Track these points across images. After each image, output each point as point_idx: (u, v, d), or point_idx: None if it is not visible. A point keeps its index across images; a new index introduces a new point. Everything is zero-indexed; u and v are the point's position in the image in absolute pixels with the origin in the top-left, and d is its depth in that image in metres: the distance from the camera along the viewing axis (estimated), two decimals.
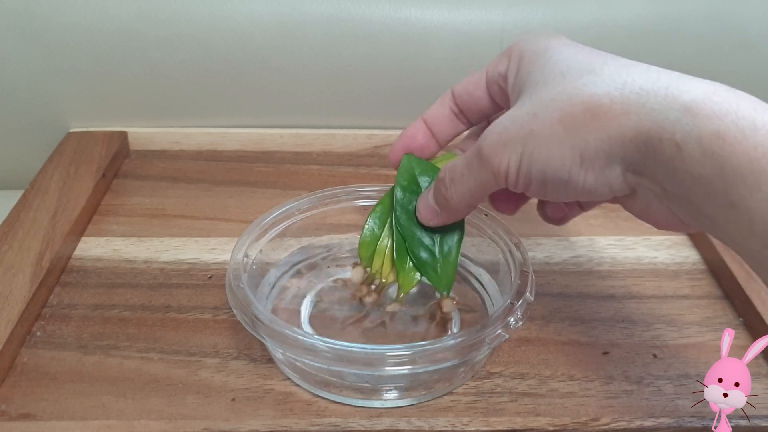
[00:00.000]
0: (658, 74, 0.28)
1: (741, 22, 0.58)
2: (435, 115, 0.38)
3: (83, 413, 0.34)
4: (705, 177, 0.26)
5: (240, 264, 0.37)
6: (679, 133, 0.26)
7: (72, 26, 0.55)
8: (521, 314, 0.35)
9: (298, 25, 0.56)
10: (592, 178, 0.29)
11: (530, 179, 0.30)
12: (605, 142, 0.28)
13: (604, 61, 0.30)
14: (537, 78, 0.31)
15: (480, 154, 0.32)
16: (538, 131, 0.29)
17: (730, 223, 0.26)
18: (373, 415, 0.34)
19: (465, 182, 0.33)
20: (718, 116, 0.25)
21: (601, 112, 0.28)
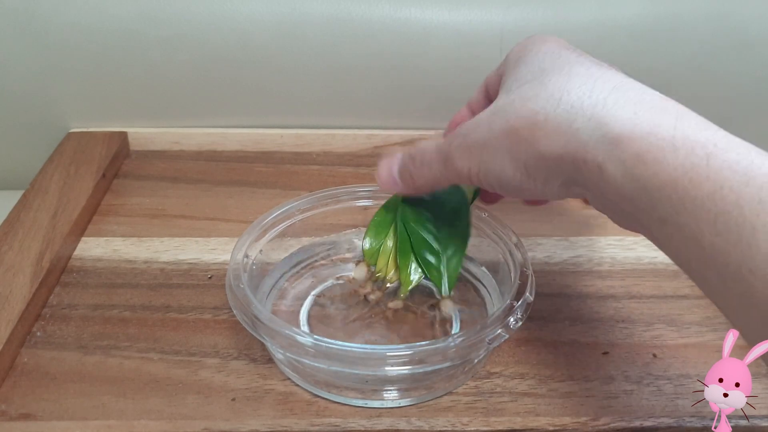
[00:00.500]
0: (593, 86, 0.28)
1: (741, 22, 0.58)
2: (475, 102, 0.40)
3: (83, 413, 0.34)
4: (629, 196, 0.26)
5: (240, 264, 0.37)
6: (601, 155, 0.27)
7: (72, 26, 0.55)
8: (521, 314, 0.35)
9: (298, 25, 0.56)
10: (540, 187, 0.30)
11: (491, 184, 0.32)
12: (541, 158, 0.29)
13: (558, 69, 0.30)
14: (505, 85, 0.33)
15: (447, 156, 0.33)
16: (490, 143, 0.31)
17: (664, 237, 0.26)
18: (373, 415, 0.34)
19: (432, 171, 0.35)
20: (639, 138, 0.26)
21: (536, 129, 0.29)
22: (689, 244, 0.25)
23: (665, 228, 0.26)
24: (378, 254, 0.39)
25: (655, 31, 0.58)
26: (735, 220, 0.23)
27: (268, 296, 0.41)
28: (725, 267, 0.24)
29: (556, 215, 0.51)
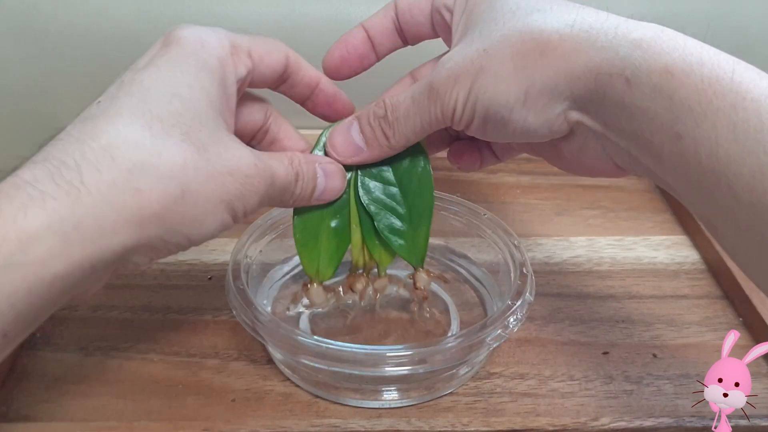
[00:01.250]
0: (607, 15, 0.29)
1: (741, 23, 0.58)
2: (376, 26, 0.37)
3: (84, 415, 0.34)
4: (653, 110, 0.26)
5: (240, 265, 0.37)
6: (629, 69, 0.27)
7: (71, 27, 0.55)
8: (521, 314, 0.35)
9: (297, 25, 0.56)
10: (533, 117, 0.30)
11: (473, 114, 0.31)
12: (552, 78, 0.28)
13: (553, 2, 0.30)
14: (486, 16, 0.31)
15: (431, 88, 0.31)
16: (488, 67, 0.29)
17: (675, 154, 0.26)
18: (373, 415, 0.34)
19: (412, 120, 0.33)
20: (667, 52, 0.26)
21: (549, 48, 0.28)
22: (702, 158, 0.25)
23: (680, 143, 0.26)
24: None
25: None
26: (755, 127, 0.24)
27: (268, 297, 0.41)
28: (738, 176, 0.25)
29: (556, 215, 0.51)
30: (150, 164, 0.27)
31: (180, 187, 0.28)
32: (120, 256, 0.27)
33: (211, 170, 0.29)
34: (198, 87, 0.30)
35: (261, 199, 0.31)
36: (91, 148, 0.27)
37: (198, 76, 0.30)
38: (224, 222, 0.30)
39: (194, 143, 0.28)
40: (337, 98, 0.37)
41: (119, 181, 0.26)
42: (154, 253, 0.29)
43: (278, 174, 0.32)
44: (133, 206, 0.27)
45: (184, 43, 0.31)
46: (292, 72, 0.36)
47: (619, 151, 0.30)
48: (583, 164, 0.32)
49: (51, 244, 0.25)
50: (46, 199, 0.25)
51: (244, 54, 0.33)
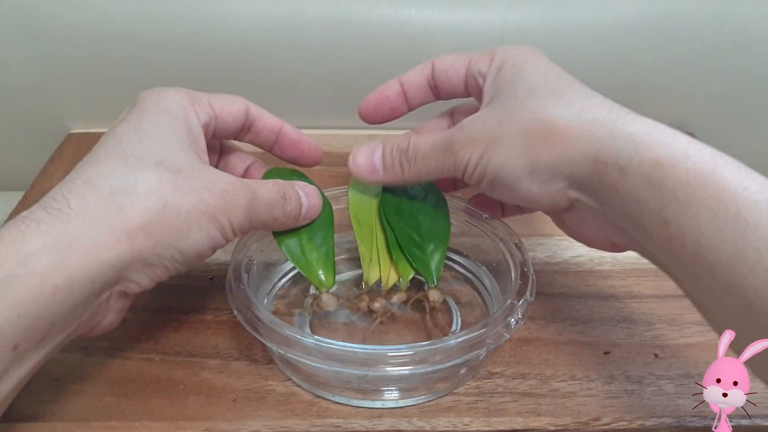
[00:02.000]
0: (611, 108, 0.32)
1: (740, 22, 0.58)
2: (412, 81, 0.41)
3: (85, 414, 0.34)
4: (643, 198, 0.29)
5: (241, 265, 0.37)
6: (623, 159, 0.30)
7: (72, 28, 0.55)
8: (522, 314, 0.35)
9: (298, 25, 0.56)
10: (536, 188, 0.33)
11: (483, 176, 0.34)
12: (555, 159, 0.32)
13: (568, 87, 0.34)
14: (510, 88, 0.35)
15: (450, 143, 0.35)
16: (501, 138, 0.33)
17: (664, 237, 0.29)
18: (375, 415, 0.34)
19: (426, 162, 0.37)
20: (657, 146, 0.29)
21: (555, 132, 0.32)
22: (687, 242, 0.28)
23: (668, 228, 0.29)
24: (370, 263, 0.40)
25: (655, 31, 0.58)
26: (732, 216, 0.27)
27: (269, 297, 0.41)
28: (718, 261, 0.27)
29: None
30: (128, 186, 0.30)
31: (160, 201, 0.30)
32: (117, 272, 0.30)
33: (188, 186, 0.31)
34: (164, 127, 0.33)
35: (246, 213, 0.33)
36: (75, 184, 0.30)
37: (162, 119, 0.34)
38: (211, 234, 0.32)
39: (168, 168, 0.31)
40: (301, 140, 0.41)
41: (103, 203, 0.29)
42: (151, 270, 0.31)
43: (261, 193, 0.35)
44: (119, 222, 0.29)
45: (147, 98, 0.35)
46: (254, 119, 0.39)
47: (615, 229, 0.33)
48: (583, 235, 0.36)
49: (48, 258, 0.27)
50: (41, 225, 0.28)
51: (204, 104, 0.37)
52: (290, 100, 0.60)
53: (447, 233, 0.40)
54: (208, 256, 0.33)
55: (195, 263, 0.33)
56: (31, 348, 0.27)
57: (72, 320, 0.29)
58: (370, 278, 0.39)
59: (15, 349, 0.27)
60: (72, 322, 0.29)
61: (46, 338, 0.28)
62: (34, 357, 0.28)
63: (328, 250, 0.39)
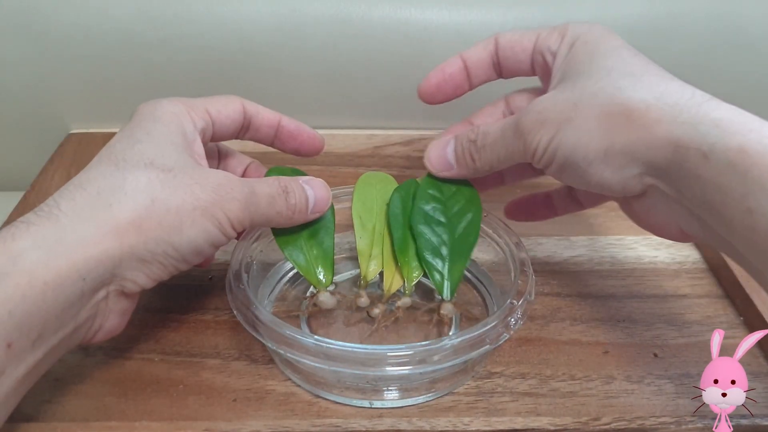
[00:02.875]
0: (693, 92, 0.31)
1: (741, 22, 0.58)
2: (475, 58, 0.39)
3: (85, 414, 0.34)
4: (726, 185, 0.28)
5: (241, 265, 0.37)
6: (707, 145, 0.28)
7: (72, 27, 0.55)
8: (521, 313, 0.35)
9: (298, 25, 0.56)
10: (609, 174, 0.32)
11: (553, 159, 0.33)
12: (633, 143, 0.30)
13: (646, 69, 0.32)
14: (583, 68, 0.33)
15: (518, 126, 0.34)
16: (575, 120, 0.32)
17: (746, 227, 0.28)
18: (375, 415, 0.34)
19: (496, 149, 0.36)
20: (743, 133, 0.28)
21: (635, 116, 0.30)
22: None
23: (751, 218, 0.27)
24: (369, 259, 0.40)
25: (655, 31, 0.58)
26: None
27: (269, 297, 0.41)
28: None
29: None
30: (116, 185, 0.30)
31: (149, 197, 0.30)
32: (108, 268, 0.29)
33: (178, 183, 0.31)
34: (157, 133, 0.33)
35: (244, 207, 0.33)
36: (66, 189, 0.31)
37: (155, 126, 0.34)
38: (206, 229, 0.32)
39: (158, 167, 0.32)
40: (301, 131, 0.40)
41: (91, 202, 0.30)
42: (146, 267, 0.31)
43: (259, 187, 0.34)
44: (107, 218, 0.29)
45: (142, 109, 0.35)
46: (252, 116, 0.38)
47: (690, 218, 0.31)
48: (651, 223, 0.34)
49: (37, 255, 0.27)
50: (30, 226, 0.29)
51: (200, 110, 0.36)
52: (290, 100, 0.60)
53: (471, 250, 0.38)
54: (208, 253, 0.33)
55: (195, 260, 0.33)
56: (27, 347, 0.27)
57: (67, 320, 0.29)
58: (368, 275, 0.39)
59: (9, 348, 0.27)
60: (67, 321, 0.29)
61: (41, 338, 0.28)
62: (30, 357, 0.28)
63: (327, 249, 0.38)
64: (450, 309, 0.38)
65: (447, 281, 0.38)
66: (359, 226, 0.40)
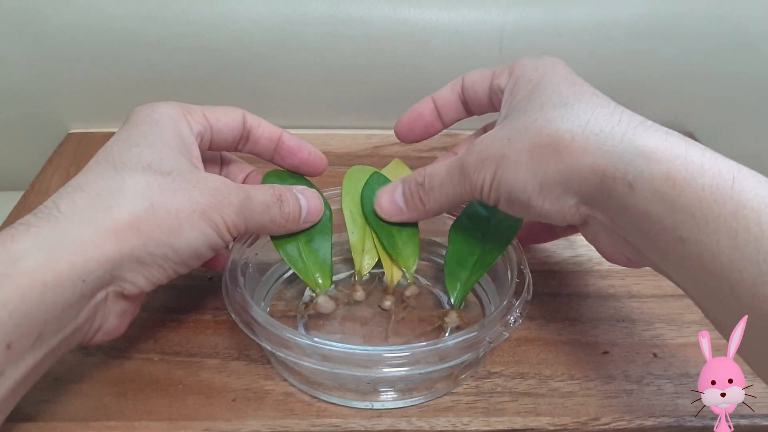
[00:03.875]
0: (620, 118, 0.31)
1: (741, 23, 0.58)
2: (444, 98, 0.41)
3: (84, 414, 0.34)
4: (655, 214, 0.28)
5: (238, 266, 0.37)
6: (632, 174, 0.28)
7: (72, 27, 0.55)
8: (520, 313, 0.35)
9: (297, 25, 0.56)
10: (549, 205, 0.32)
11: (498, 195, 0.34)
12: (563, 174, 0.31)
13: (579, 98, 0.32)
14: (520, 106, 0.34)
15: (462, 167, 0.35)
16: (509, 155, 0.32)
17: (679, 256, 0.28)
18: (374, 415, 0.34)
19: (444, 190, 0.36)
20: (669, 160, 0.28)
21: (561, 146, 0.31)
22: (705, 261, 0.27)
23: (683, 246, 0.27)
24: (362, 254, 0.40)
25: (655, 31, 0.58)
26: (755, 235, 0.25)
27: (266, 299, 0.41)
28: (740, 282, 0.25)
29: None
30: (116, 188, 0.31)
31: (148, 200, 0.30)
32: (108, 270, 0.30)
33: (177, 186, 0.32)
34: (153, 135, 0.33)
35: (239, 212, 0.33)
36: (65, 191, 0.31)
37: (152, 129, 0.34)
38: (205, 232, 0.32)
39: (156, 170, 0.32)
40: (301, 148, 0.40)
41: (91, 204, 0.30)
42: (146, 270, 0.31)
43: (254, 193, 0.35)
44: (106, 221, 0.29)
45: (138, 112, 0.35)
46: (252, 128, 0.38)
47: (629, 246, 0.31)
48: (601, 250, 0.34)
49: (37, 257, 0.27)
50: (30, 228, 0.29)
51: (198, 115, 0.36)
52: (290, 100, 0.60)
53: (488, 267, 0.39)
54: (207, 256, 0.33)
55: (194, 264, 0.33)
56: (27, 348, 0.27)
57: (66, 321, 0.29)
58: (362, 269, 0.40)
59: (9, 348, 0.27)
60: (67, 323, 0.29)
61: (41, 338, 0.28)
62: (30, 358, 0.28)
63: (325, 253, 0.39)
64: (454, 319, 0.38)
65: (460, 291, 0.38)
66: (350, 221, 0.40)
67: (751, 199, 0.26)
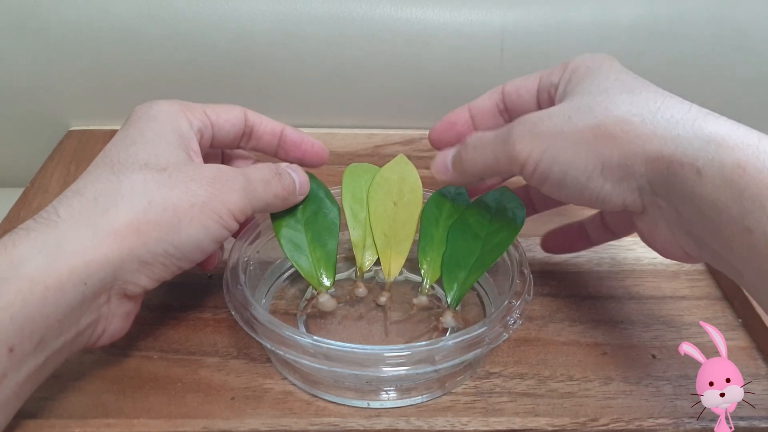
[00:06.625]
0: (690, 107, 0.30)
1: (741, 24, 0.58)
2: (480, 107, 0.40)
3: (83, 412, 0.34)
4: (722, 203, 0.27)
5: (238, 264, 0.37)
6: (701, 160, 0.28)
7: (72, 24, 0.55)
8: (520, 313, 0.35)
9: (298, 24, 0.56)
10: (609, 187, 0.31)
11: (548, 176, 0.32)
12: (629, 157, 0.30)
13: (644, 87, 0.32)
14: (582, 87, 0.33)
15: (509, 135, 0.33)
16: (568, 132, 0.31)
17: (745, 247, 0.27)
18: (373, 414, 0.34)
19: (484, 153, 0.35)
20: (740, 148, 0.27)
21: (630, 128, 0.30)
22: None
23: (750, 237, 0.27)
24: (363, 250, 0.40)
25: (655, 32, 0.58)
26: None
27: (266, 296, 0.41)
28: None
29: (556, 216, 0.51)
30: (113, 190, 0.31)
31: (145, 199, 0.30)
32: (109, 272, 0.30)
33: (174, 181, 0.32)
34: (150, 132, 0.34)
35: (243, 195, 0.33)
36: (64, 195, 0.31)
37: (149, 125, 0.34)
38: (206, 226, 0.32)
39: (153, 167, 0.32)
40: (304, 141, 0.40)
41: (88, 208, 0.30)
42: (148, 269, 0.31)
43: (253, 173, 0.35)
44: (104, 223, 0.30)
45: (137, 111, 0.35)
46: (254, 124, 0.39)
47: (690, 237, 0.31)
48: (656, 243, 0.33)
49: (37, 261, 0.28)
50: (30, 233, 0.29)
51: (197, 111, 0.36)
52: (290, 99, 0.60)
53: (488, 267, 0.38)
54: (211, 249, 0.33)
55: (197, 258, 0.33)
56: (29, 352, 0.27)
57: (69, 324, 0.29)
58: (363, 265, 0.40)
59: (11, 352, 0.27)
60: (69, 326, 0.29)
61: (43, 342, 0.28)
62: (32, 361, 0.28)
63: (330, 251, 0.39)
64: (449, 319, 0.38)
65: (458, 291, 0.38)
66: (351, 218, 0.40)
67: None
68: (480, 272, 0.38)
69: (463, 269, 0.39)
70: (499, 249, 0.38)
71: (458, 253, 0.39)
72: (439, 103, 0.60)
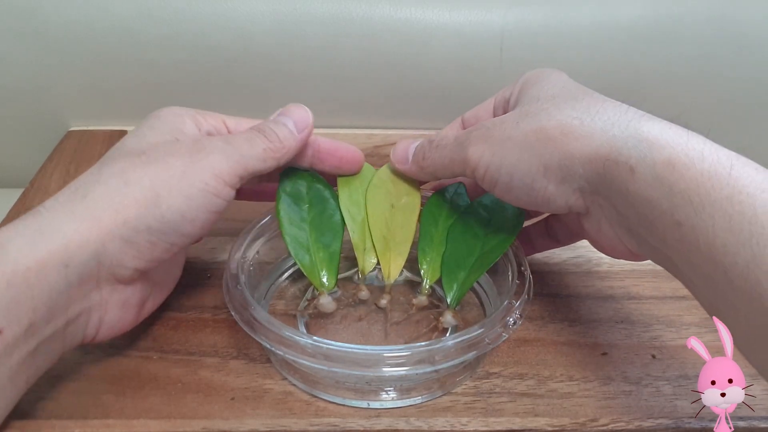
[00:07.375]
0: (627, 110, 0.32)
1: (741, 24, 0.58)
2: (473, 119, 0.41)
3: (82, 412, 0.34)
4: (654, 199, 0.29)
5: (238, 265, 0.37)
6: (634, 159, 0.29)
7: (72, 25, 0.55)
8: (520, 314, 0.35)
9: (298, 24, 0.56)
10: (553, 188, 0.33)
11: (497, 178, 0.34)
12: (568, 157, 0.31)
13: (587, 94, 0.34)
14: (531, 95, 0.35)
15: (465, 140, 0.35)
16: (515, 137, 0.33)
17: (677, 240, 0.28)
18: (372, 415, 0.34)
19: (442, 153, 0.37)
20: (671, 146, 0.29)
21: (569, 131, 0.31)
22: (701, 245, 0.27)
23: (680, 230, 0.28)
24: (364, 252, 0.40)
25: (655, 32, 0.58)
26: (749, 219, 0.26)
27: (266, 297, 0.41)
28: (733, 265, 0.26)
29: None
30: (92, 179, 0.32)
31: (121, 180, 0.31)
32: (92, 255, 0.30)
33: (150, 159, 0.32)
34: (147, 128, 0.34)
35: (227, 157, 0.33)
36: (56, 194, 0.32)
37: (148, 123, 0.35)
38: (190, 195, 0.32)
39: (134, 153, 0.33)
40: (338, 148, 0.40)
41: (70, 197, 0.31)
42: (134, 248, 0.31)
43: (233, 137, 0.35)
44: (81, 207, 0.30)
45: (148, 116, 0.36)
46: None
47: (629, 234, 0.32)
48: (602, 243, 0.35)
49: (19, 244, 0.29)
50: (15, 222, 0.30)
51: (212, 118, 0.37)
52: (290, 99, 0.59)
53: (488, 267, 0.39)
54: (205, 219, 0.33)
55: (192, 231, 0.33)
56: (19, 336, 0.28)
57: (57, 310, 0.29)
58: (365, 267, 0.39)
59: (0, 334, 0.27)
60: (58, 312, 0.29)
61: (33, 327, 0.28)
62: (24, 346, 0.28)
63: (334, 252, 0.39)
64: (449, 319, 0.38)
65: (457, 291, 0.38)
66: (350, 220, 0.40)
67: (747, 185, 0.27)
68: (480, 272, 0.38)
69: (462, 269, 0.39)
70: (499, 249, 0.39)
71: (458, 253, 0.39)
72: (438, 102, 0.60)
